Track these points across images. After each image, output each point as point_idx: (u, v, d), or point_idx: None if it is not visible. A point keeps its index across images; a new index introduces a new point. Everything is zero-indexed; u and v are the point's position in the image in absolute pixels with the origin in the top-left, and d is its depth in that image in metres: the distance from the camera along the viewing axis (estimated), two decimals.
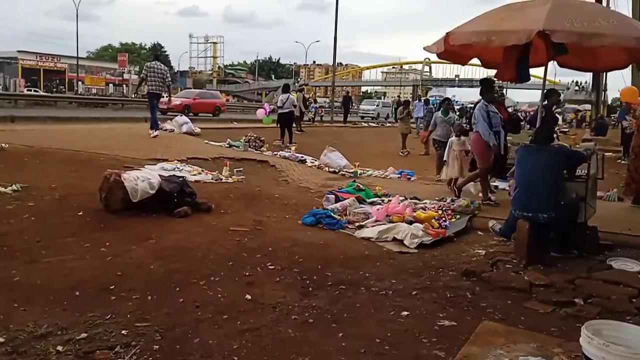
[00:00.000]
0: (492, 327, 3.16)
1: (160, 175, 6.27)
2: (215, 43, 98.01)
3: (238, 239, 5.24)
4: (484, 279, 4.31)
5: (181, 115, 15.74)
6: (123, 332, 3.08)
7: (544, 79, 5.71)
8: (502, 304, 3.84)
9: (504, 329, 3.13)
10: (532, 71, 5.72)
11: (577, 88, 62.38)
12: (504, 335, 3.00)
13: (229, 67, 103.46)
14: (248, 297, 3.75)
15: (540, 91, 6.05)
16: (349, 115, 31.07)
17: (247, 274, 4.27)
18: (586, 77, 65.88)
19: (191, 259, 4.53)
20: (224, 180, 8.09)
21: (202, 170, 8.53)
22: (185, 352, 2.90)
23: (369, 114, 41.80)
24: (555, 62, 5.63)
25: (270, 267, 4.47)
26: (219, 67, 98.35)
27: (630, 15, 19.28)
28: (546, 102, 7.50)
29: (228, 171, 8.43)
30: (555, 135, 6.99)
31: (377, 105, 44.39)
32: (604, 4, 14.90)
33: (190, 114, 20.69)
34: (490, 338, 2.94)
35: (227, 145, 12.31)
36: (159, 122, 12.67)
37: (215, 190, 7.25)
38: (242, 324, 3.29)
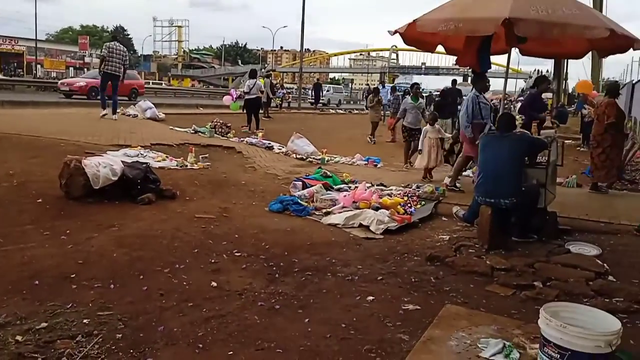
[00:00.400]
0: (455, 310, 3.22)
1: (122, 162, 6.14)
2: (180, 27, 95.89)
3: (204, 226, 5.18)
4: (448, 264, 4.40)
5: (144, 100, 15.37)
6: (85, 321, 3.02)
7: (507, 67, 5.81)
8: (465, 287, 3.93)
9: (466, 312, 3.19)
10: (496, 59, 5.81)
11: (539, 76, 63.77)
12: (466, 318, 3.06)
13: (195, 52, 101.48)
14: (214, 284, 3.72)
15: (504, 79, 6.13)
16: (319, 101, 31.35)
17: (212, 261, 4.24)
18: (548, 66, 67.36)
19: (155, 247, 4.47)
20: (189, 167, 7.97)
21: (167, 157, 8.38)
22: (149, 340, 2.87)
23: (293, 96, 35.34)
24: (517, 50, 5.72)
25: (236, 254, 4.45)
26: (184, 52, 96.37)
27: (591, 5, 19.76)
28: (535, 88, 7.60)
29: (193, 157, 8.31)
30: (517, 123, 7.08)
31: (328, 91, 39.48)
32: None
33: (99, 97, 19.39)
34: (453, 321, 3.00)
35: (193, 131, 12.12)
36: (116, 107, 12.36)
37: (180, 176, 7.15)
38: (208, 311, 3.27)
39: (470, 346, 2.67)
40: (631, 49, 4.85)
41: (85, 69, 49.11)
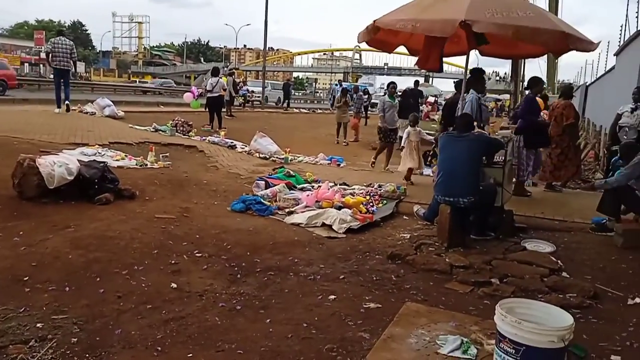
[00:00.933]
0: (415, 308, 3.27)
1: (79, 161, 5.97)
2: (140, 23, 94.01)
3: (164, 226, 5.09)
4: (408, 262, 4.46)
5: (103, 98, 14.99)
6: (38, 325, 2.93)
7: (466, 68, 5.93)
8: (425, 285, 3.99)
9: (425, 310, 3.25)
10: (456, 60, 5.92)
11: (497, 78, 65.48)
12: (425, 315, 3.11)
13: (156, 49, 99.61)
14: (173, 285, 3.66)
15: (463, 80, 6.25)
16: (289, 101, 31.40)
17: (172, 262, 4.17)
18: (506, 68, 69.20)
19: (113, 248, 4.35)
20: (149, 166, 7.82)
21: (126, 156, 8.20)
22: (106, 344, 2.80)
23: (256, 96, 30.58)
24: (477, 51, 5.85)
25: (197, 254, 4.39)
26: (144, 48, 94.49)
27: (547, 8, 20.39)
28: (529, 91, 7.49)
29: (153, 156, 8.16)
30: (475, 124, 7.14)
31: (266, 87, 33.41)
32: None
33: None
34: (413, 319, 3.05)
35: (153, 130, 11.90)
36: (68, 99, 12.05)
37: (140, 176, 7.00)
38: (167, 313, 3.22)
39: (429, 343, 2.72)
40: (585, 51, 5.02)
41: (42, 65, 47.50)
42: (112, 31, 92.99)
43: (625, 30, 13.73)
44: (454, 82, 9.10)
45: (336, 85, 26.73)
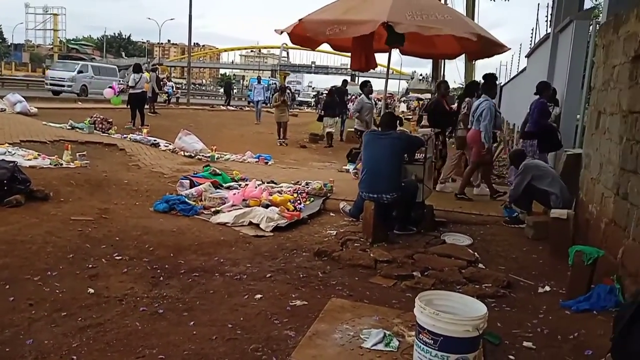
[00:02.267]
0: (340, 303, 3.32)
1: None
2: (55, 14, 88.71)
3: (80, 229, 4.85)
4: (335, 258, 4.52)
5: (14, 93, 14.02)
6: None
7: (388, 67, 6.08)
8: (350, 280, 4.06)
9: (350, 305, 3.31)
10: (378, 60, 6.05)
11: (420, 77, 67.69)
12: (350, 310, 3.17)
13: (73, 42, 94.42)
14: (91, 291, 3.50)
15: (385, 79, 6.40)
16: (231, 99, 30.95)
17: (90, 266, 3.98)
18: (427, 69, 71.73)
19: (24, 253, 4.09)
20: (64, 166, 7.43)
21: (39, 155, 7.75)
22: (16, 355, 2.63)
23: (61, 84, 23.71)
24: (398, 51, 6.02)
25: (117, 257, 4.22)
26: (60, 42, 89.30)
27: (464, 12, 21.31)
28: (539, 96, 7.30)
29: (69, 155, 7.74)
30: (398, 122, 7.28)
31: (76, 72, 24.32)
32: (443, 1, 16.29)
33: None
34: (338, 314, 3.09)
35: (70, 127, 11.28)
36: None
37: (54, 176, 6.62)
38: (84, 320, 3.06)
39: (353, 337, 2.77)
40: (496, 54, 5.31)
41: None
42: (25, 23, 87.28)
43: (535, 33, 14.60)
44: (464, 85, 8.97)
45: (254, 81, 26.17)
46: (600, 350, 2.85)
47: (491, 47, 5.00)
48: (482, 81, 7.68)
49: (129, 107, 14.47)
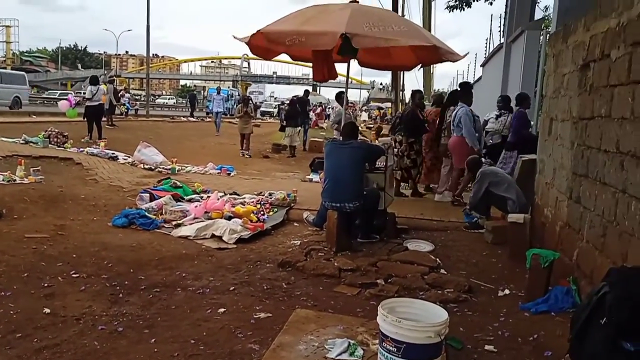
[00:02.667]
0: (304, 314, 3.30)
1: None
2: (8, 26, 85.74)
3: (35, 246, 4.69)
4: (299, 268, 4.50)
5: None
6: None
7: (347, 76, 6.14)
8: (315, 290, 4.05)
9: (314, 315, 3.29)
10: (341, 70, 6.10)
11: (381, 87, 68.60)
12: (314, 321, 3.15)
13: (27, 54, 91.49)
14: (47, 310, 3.37)
15: (344, 89, 6.44)
16: (195, 110, 30.47)
17: (45, 285, 3.84)
18: (386, 79, 72.73)
19: None
20: (17, 181, 7.16)
21: None
22: None
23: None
24: (357, 62, 6.08)
25: (74, 275, 4.09)
26: (13, 54, 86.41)
27: (421, 24, 21.78)
28: (519, 107, 7.48)
29: (23, 171, 7.47)
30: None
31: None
32: (399, 13, 16.57)
33: None
34: (302, 325, 3.07)
35: (23, 142, 10.92)
36: None
37: (7, 192, 6.38)
38: (40, 341, 2.95)
39: (318, 348, 2.76)
40: (452, 62, 5.43)
41: None
42: None
43: (489, 43, 15.06)
44: (435, 95, 8.98)
45: (213, 91, 25.59)
46: (559, 350, 2.92)
47: (445, 55, 5.12)
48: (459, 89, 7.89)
49: (85, 120, 14.08)
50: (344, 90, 6.81)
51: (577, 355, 2.36)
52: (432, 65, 23.00)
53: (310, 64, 6.05)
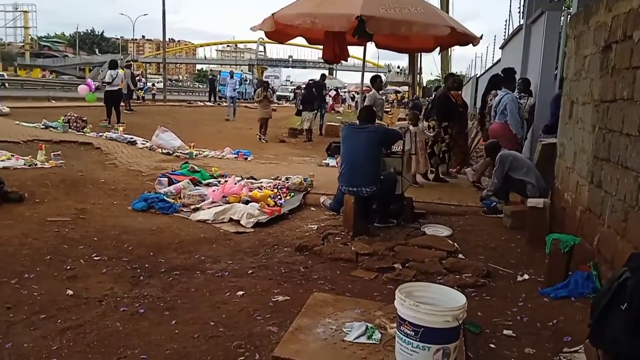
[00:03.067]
0: (322, 297, 3.32)
1: None
2: (26, 12, 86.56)
3: (57, 230, 4.77)
4: (316, 252, 4.53)
5: None
6: None
7: (364, 60, 6.09)
8: (332, 274, 4.07)
9: (332, 299, 3.31)
10: (354, 53, 6.04)
11: (398, 70, 67.94)
12: (332, 304, 3.17)
13: (45, 39, 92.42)
14: (69, 292, 3.45)
15: (361, 73, 6.40)
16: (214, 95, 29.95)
17: (68, 267, 3.92)
18: (404, 61, 71.82)
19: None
20: (39, 166, 7.29)
21: (12, 155, 7.59)
22: None
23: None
24: (374, 44, 6.02)
25: (95, 258, 4.16)
26: (31, 39, 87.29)
27: (439, 5, 21.45)
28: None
29: (44, 155, 7.60)
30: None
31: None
32: None
33: None
34: (320, 308, 3.09)
35: (43, 127, 11.07)
36: None
37: (28, 177, 6.49)
38: (63, 322, 3.02)
39: (335, 331, 2.77)
40: (470, 45, 5.35)
41: None
42: None
43: (509, 24, 14.77)
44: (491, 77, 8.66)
45: (226, 75, 24.73)
46: (579, 336, 2.91)
47: (464, 39, 5.04)
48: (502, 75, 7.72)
49: (104, 104, 14.20)
50: (379, 73, 6.76)
51: (597, 340, 2.35)
52: (449, 49, 22.70)
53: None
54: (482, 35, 5.68)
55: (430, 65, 73.79)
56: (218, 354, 2.71)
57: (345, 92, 36.93)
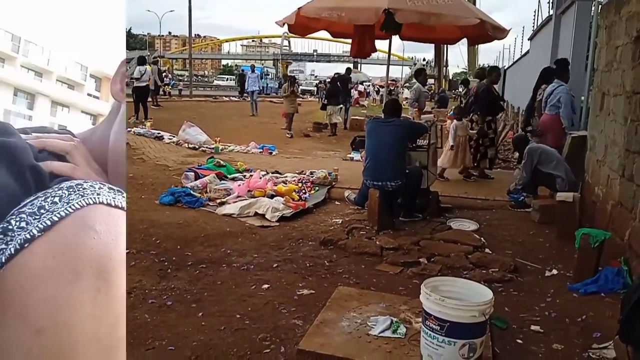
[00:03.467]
0: (347, 291, 3.33)
1: None
2: None
3: None
4: (341, 247, 4.53)
5: None
6: None
7: (389, 53, 6.05)
8: (357, 268, 4.07)
9: (357, 292, 3.32)
10: (379, 46, 6.00)
11: (423, 63, 67.27)
12: (357, 298, 3.18)
13: None
14: None
15: (386, 65, 6.36)
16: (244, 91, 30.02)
17: None
18: (429, 54, 70.93)
19: None
20: None
21: None
22: None
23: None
24: (399, 36, 5.98)
25: None
26: None
27: None
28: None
29: None
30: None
31: None
32: None
33: None
34: (345, 302, 3.10)
35: None
36: None
37: None
38: None
39: (360, 325, 2.78)
40: (497, 39, 5.27)
41: None
42: None
43: (537, 15, 14.48)
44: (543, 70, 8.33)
45: (247, 69, 24.46)
46: (608, 332, 2.85)
47: (492, 32, 4.96)
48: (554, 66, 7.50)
49: (133, 100, 14.42)
50: (424, 67, 6.68)
51: (627, 337, 2.30)
52: None
53: (350, 41, 5.98)
54: (510, 28, 5.52)
55: (457, 58, 72.99)
56: (244, 346, 2.74)
57: (369, 85, 36.64)
